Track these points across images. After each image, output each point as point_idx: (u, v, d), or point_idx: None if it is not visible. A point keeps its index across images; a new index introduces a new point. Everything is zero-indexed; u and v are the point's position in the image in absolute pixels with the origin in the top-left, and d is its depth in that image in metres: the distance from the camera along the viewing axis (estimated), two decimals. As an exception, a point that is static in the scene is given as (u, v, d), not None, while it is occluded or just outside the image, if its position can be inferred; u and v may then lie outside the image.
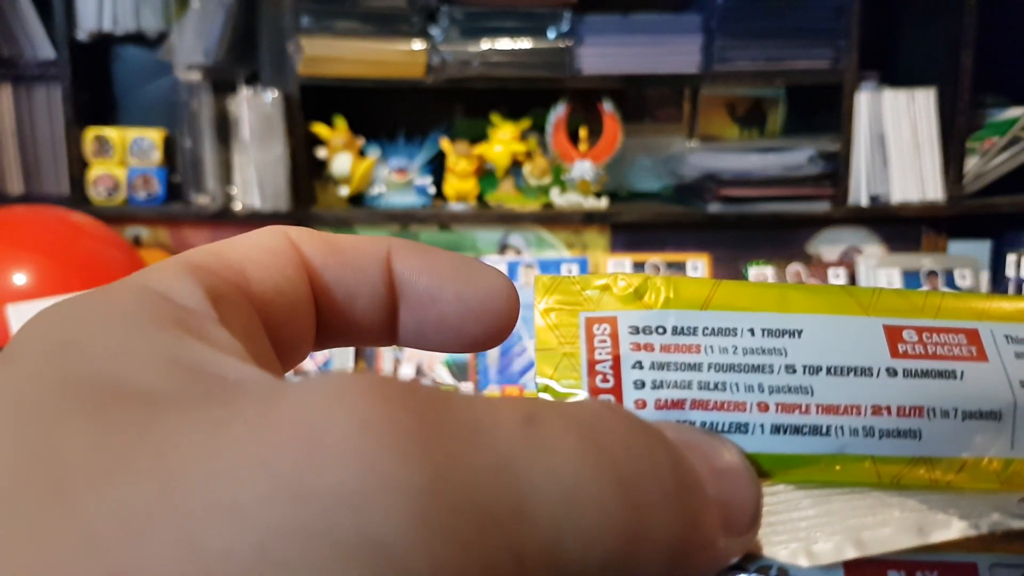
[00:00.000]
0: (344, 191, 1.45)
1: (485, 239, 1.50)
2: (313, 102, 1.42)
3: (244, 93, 1.35)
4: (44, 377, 0.11)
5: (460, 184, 1.47)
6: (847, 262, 1.52)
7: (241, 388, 0.11)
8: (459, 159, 1.45)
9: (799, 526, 0.13)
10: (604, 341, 0.15)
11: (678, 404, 0.14)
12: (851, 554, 0.12)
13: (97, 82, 1.53)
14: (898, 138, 1.44)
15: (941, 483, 0.14)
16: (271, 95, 1.36)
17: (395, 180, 1.47)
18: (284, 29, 1.37)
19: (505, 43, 1.36)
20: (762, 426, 0.14)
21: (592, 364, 0.15)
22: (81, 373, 0.11)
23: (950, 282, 1.48)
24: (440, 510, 0.09)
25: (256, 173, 1.36)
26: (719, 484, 0.13)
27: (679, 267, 1.48)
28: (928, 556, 0.13)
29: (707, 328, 0.15)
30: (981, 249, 1.56)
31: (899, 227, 1.52)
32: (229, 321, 0.13)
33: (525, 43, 1.36)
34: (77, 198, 1.46)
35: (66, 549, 0.09)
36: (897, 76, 1.46)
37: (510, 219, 1.48)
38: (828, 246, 1.53)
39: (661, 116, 1.63)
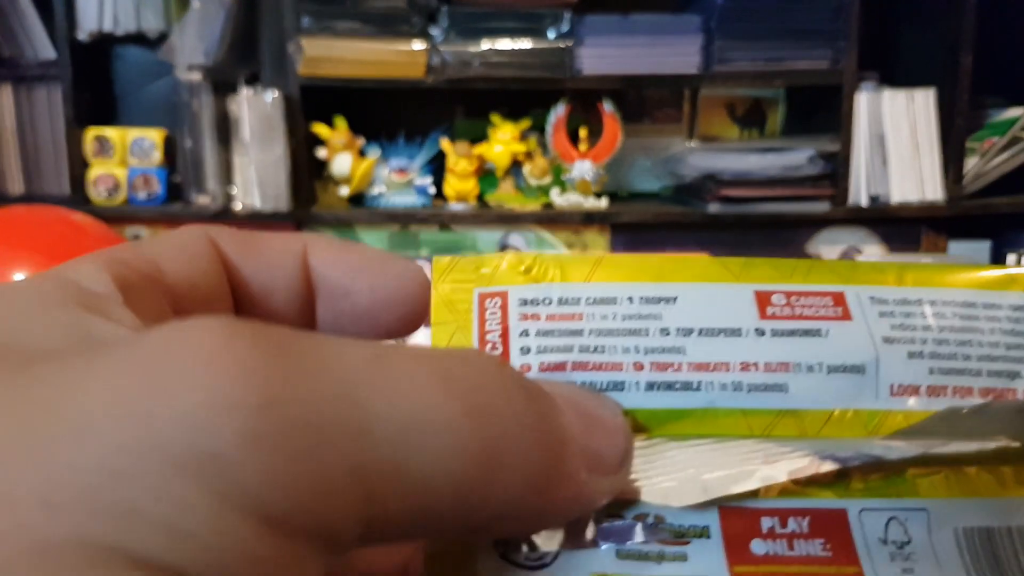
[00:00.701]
0: (344, 191, 1.46)
1: (485, 239, 1.51)
2: (313, 102, 1.42)
3: (244, 93, 1.36)
4: None
5: (460, 184, 1.47)
6: (847, 262, 1.53)
7: (116, 340, 0.12)
8: (459, 159, 1.46)
9: (669, 473, 0.14)
10: (495, 313, 0.16)
11: (560, 366, 0.15)
12: (699, 498, 0.14)
13: (98, 82, 1.53)
14: (897, 138, 1.44)
15: (810, 434, 0.15)
16: (271, 95, 1.37)
17: (395, 180, 1.48)
18: (285, 29, 1.38)
19: (505, 43, 1.37)
20: (637, 383, 0.15)
21: (483, 335, 0.16)
22: None
23: (949, 282, 1.49)
24: (273, 426, 0.10)
25: (256, 173, 1.37)
26: (588, 430, 0.14)
27: (679, 267, 1.49)
28: (799, 503, 0.14)
29: (589, 298, 0.16)
30: (981, 249, 1.57)
31: (899, 227, 1.52)
32: (135, 304, 0.14)
33: (525, 43, 1.37)
34: (78, 198, 1.46)
35: None
36: (896, 77, 1.47)
37: (510, 219, 1.48)
38: (827, 246, 1.54)
39: (661, 116, 1.64)
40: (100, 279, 0.14)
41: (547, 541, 0.14)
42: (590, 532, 0.14)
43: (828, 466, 0.14)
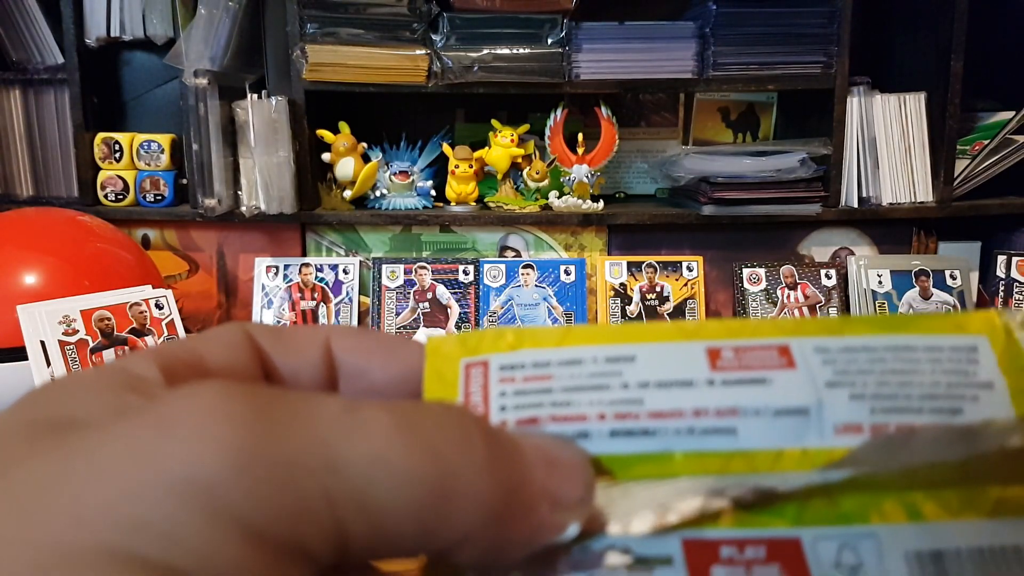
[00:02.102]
0: (348, 194, 1.48)
1: (485, 240, 1.53)
2: (317, 107, 1.45)
3: (250, 98, 1.38)
4: (11, 418, 0.16)
5: (461, 187, 1.50)
6: (838, 263, 1.55)
7: (144, 407, 0.15)
8: (460, 162, 1.48)
9: (631, 508, 0.16)
10: (478, 380, 0.18)
11: (534, 420, 0.17)
12: (656, 524, 0.16)
13: (105, 87, 1.56)
14: (889, 142, 1.47)
15: (760, 472, 0.16)
16: (277, 100, 1.39)
17: (397, 183, 1.50)
18: (289, 36, 1.40)
19: (504, 49, 1.39)
20: (601, 432, 0.17)
21: (468, 398, 0.18)
22: (38, 415, 0.15)
23: (940, 282, 1.51)
24: (258, 461, 0.13)
25: (262, 176, 1.39)
26: (550, 469, 0.16)
27: (674, 267, 1.51)
28: (755, 532, 0.16)
29: (559, 361, 0.18)
30: (971, 250, 1.59)
31: (889, 228, 1.54)
32: (177, 385, 0.17)
33: (524, 49, 1.39)
34: (86, 200, 1.49)
35: None
36: (888, 81, 1.49)
37: (509, 221, 1.51)
38: (820, 247, 1.56)
39: (656, 121, 1.66)
40: (147, 366, 0.17)
41: (523, 570, 0.16)
42: (562, 563, 0.16)
43: (764, 491, 0.16)
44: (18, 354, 1.07)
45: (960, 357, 0.17)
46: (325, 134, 1.45)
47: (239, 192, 1.43)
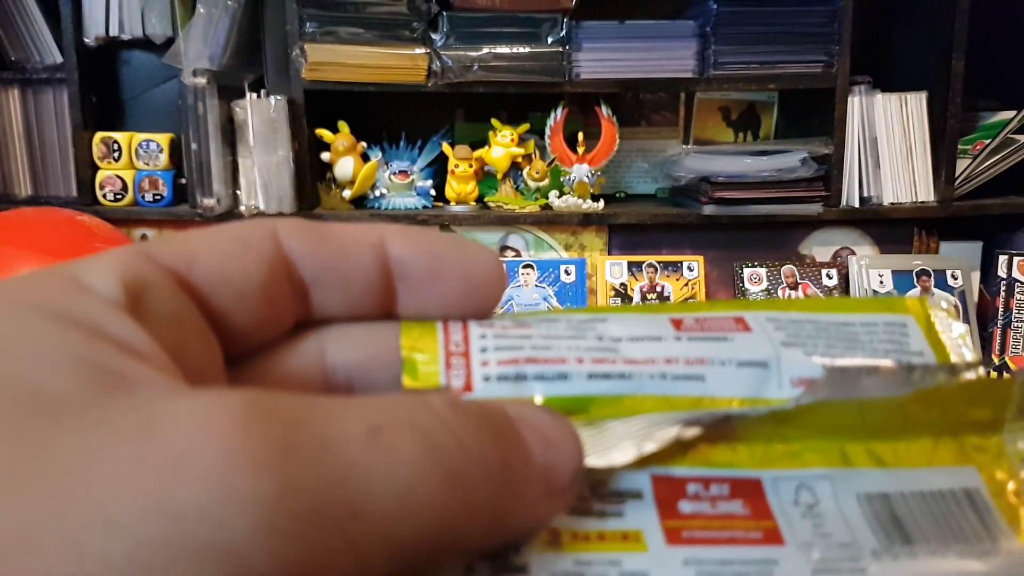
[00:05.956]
0: (347, 193, 1.48)
1: (485, 240, 1.53)
2: (317, 107, 1.45)
3: (249, 98, 1.37)
4: None
5: (460, 186, 1.49)
6: (839, 263, 1.55)
7: (129, 405, 0.13)
8: (459, 162, 1.48)
9: (608, 442, 0.17)
10: (457, 331, 0.18)
11: (515, 361, 0.18)
12: (626, 454, 0.17)
13: (104, 86, 1.55)
14: (890, 141, 1.46)
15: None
16: (276, 100, 1.39)
17: (397, 182, 1.50)
18: (288, 35, 1.40)
19: (504, 49, 1.39)
20: (579, 374, 0.17)
21: (447, 342, 0.18)
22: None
23: (941, 282, 1.51)
24: (284, 517, 0.12)
25: (261, 176, 1.39)
26: (546, 453, 0.15)
27: (674, 267, 1.51)
28: (719, 472, 0.17)
29: (536, 320, 0.19)
30: (972, 250, 1.58)
31: (891, 228, 1.54)
32: (150, 308, 0.15)
33: (524, 48, 1.39)
34: (85, 200, 1.48)
35: None
36: (889, 80, 1.49)
37: (509, 221, 1.50)
38: (821, 247, 1.56)
39: (657, 120, 1.66)
40: (106, 281, 0.15)
41: None
42: None
43: (729, 412, 0.17)
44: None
45: (893, 330, 0.19)
46: (324, 133, 1.45)
47: (238, 192, 1.43)
